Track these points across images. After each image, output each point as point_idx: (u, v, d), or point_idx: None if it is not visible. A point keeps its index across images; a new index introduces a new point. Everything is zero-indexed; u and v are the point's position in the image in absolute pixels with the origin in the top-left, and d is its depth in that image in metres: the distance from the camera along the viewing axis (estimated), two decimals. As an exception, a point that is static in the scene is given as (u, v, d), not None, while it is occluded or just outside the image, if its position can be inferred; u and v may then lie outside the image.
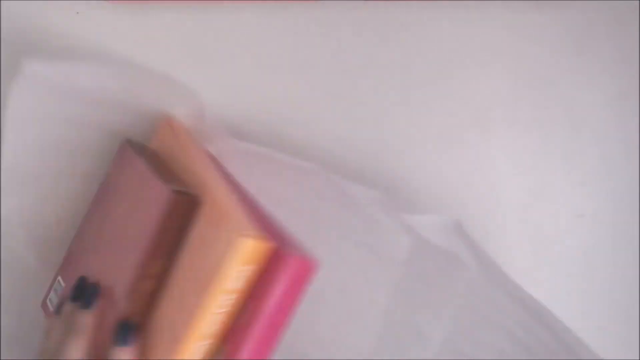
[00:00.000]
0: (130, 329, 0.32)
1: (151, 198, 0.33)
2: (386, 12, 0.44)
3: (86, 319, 0.34)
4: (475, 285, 0.37)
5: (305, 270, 0.30)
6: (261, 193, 0.37)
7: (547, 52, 0.45)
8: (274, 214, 0.35)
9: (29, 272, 0.44)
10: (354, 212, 0.38)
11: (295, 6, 0.44)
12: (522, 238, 0.45)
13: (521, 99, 0.45)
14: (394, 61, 0.45)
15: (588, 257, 0.45)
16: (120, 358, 0.32)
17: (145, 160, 0.36)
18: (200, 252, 0.31)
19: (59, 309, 0.35)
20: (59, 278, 0.40)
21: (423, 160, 0.45)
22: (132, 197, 0.35)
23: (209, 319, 0.29)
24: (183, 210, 0.32)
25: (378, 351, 0.39)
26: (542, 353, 0.36)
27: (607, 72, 0.45)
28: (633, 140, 0.45)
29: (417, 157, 0.45)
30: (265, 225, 0.31)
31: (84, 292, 0.35)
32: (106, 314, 0.33)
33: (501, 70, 0.45)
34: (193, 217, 0.32)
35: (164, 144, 0.40)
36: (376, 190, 0.39)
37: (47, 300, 0.40)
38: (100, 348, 0.33)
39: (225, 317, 0.30)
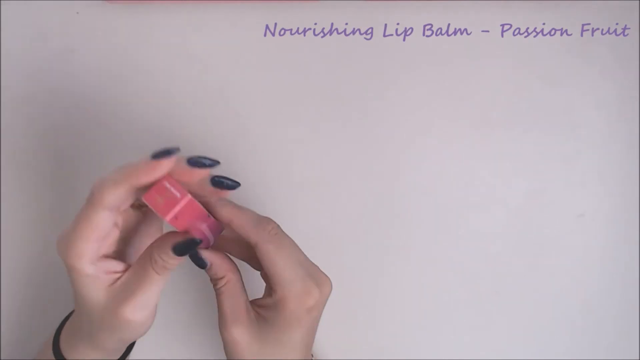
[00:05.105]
0: (194, 246, 0.31)
1: None
2: (386, 12, 0.44)
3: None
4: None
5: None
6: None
7: (547, 52, 0.45)
8: None
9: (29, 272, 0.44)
10: None
11: (295, 6, 0.44)
12: (522, 238, 0.45)
13: (521, 99, 0.45)
14: (393, 61, 0.45)
15: (588, 257, 0.45)
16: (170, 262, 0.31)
17: None
18: None
19: None
20: None
21: (423, 160, 0.45)
22: None
23: None
24: None
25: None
26: None
27: (606, 72, 0.45)
28: (633, 140, 0.45)
29: (417, 156, 0.45)
30: None
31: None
32: None
33: (501, 70, 0.45)
34: None
35: None
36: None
37: None
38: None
39: None
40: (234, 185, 0.31)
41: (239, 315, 0.33)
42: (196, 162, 0.29)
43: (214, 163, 0.30)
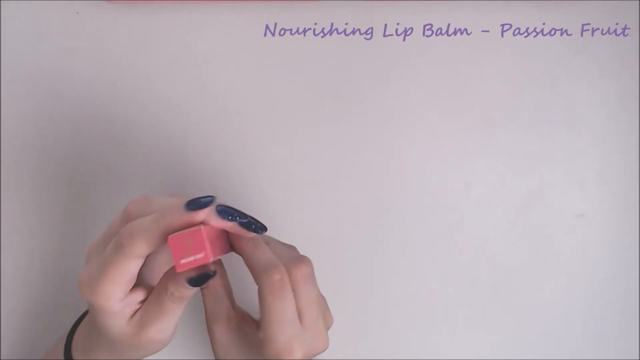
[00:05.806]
0: (208, 279, 0.31)
1: None
2: (386, 12, 0.44)
3: None
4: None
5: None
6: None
7: (547, 52, 0.45)
8: None
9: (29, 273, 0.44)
10: None
11: (295, 6, 0.44)
12: (522, 238, 0.45)
13: (521, 99, 0.45)
14: (393, 61, 0.45)
15: (588, 257, 0.45)
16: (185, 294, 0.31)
17: None
18: None
19: None
20: None
21: (423, 160, 0.45)
22: None
23: None
24: None
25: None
26: None
27: (606, 72, 0.45)
28: (633, 140, 0.45)
29: (417, 156, 0.45)
30: None
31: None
32: None
33: (501, 70, 0.45)
34: None
35: None
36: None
37: None
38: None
39: None
40: (262, 229, 0.32)
41: (219, 316, 0.34)
42: (226, 214, 0.30)
43: (244, 217, 0.31)
